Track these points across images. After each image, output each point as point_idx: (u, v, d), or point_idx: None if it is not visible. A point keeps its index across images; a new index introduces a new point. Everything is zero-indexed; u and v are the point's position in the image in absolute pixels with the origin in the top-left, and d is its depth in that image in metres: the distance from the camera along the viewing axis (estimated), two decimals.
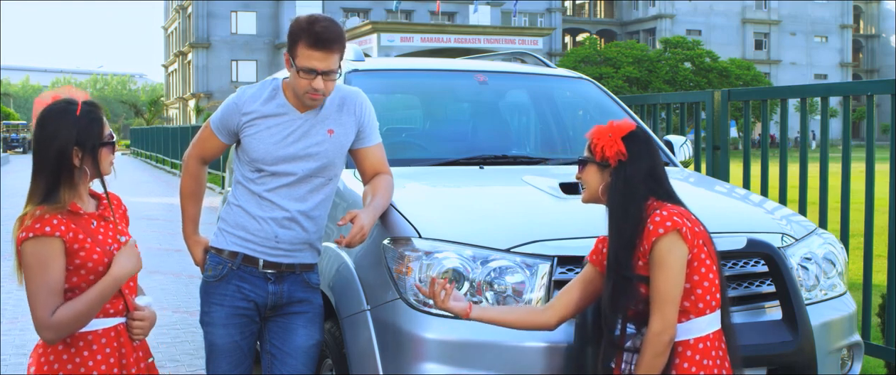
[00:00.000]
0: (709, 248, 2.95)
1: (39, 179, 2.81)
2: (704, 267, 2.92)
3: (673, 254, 2.87)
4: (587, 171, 3.09)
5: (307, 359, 3.61)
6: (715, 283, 2.95)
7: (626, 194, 2.96)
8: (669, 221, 2.87)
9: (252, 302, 3.56)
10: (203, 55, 67.58)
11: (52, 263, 2.75)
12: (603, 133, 3.04)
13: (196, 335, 6.80)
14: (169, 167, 34.24)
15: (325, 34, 3.30)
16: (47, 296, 2.74)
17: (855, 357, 3.89)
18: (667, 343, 2.87)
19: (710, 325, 2.94)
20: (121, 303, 2.94)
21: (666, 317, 2.86)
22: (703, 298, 2.93)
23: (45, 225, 2.74)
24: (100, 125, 2.87)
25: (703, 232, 2.97)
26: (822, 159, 5.57)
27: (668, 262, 2.86)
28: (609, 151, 3.00)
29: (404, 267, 3.36)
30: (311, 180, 3.53)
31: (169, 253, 11.05)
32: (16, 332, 6.99)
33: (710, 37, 78.32)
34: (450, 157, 4.64)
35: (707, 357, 2.91)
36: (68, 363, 2.85)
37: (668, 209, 2.93)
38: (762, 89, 6.24)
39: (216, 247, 3.60)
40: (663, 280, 2.86)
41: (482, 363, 3.24)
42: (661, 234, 2.86)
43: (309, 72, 3.32)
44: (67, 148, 2.79)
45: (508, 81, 5.62)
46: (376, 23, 50.96)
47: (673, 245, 2.87)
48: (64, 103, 2.86)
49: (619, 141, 3.00)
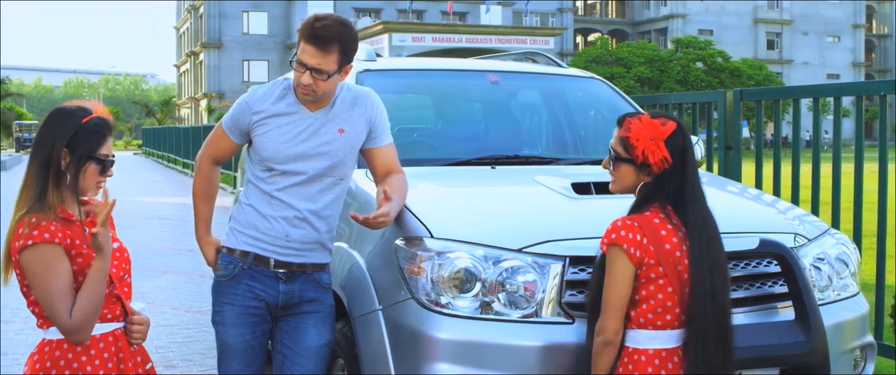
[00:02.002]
0: (667, 267, 2.93)
1: (32, 176, 2.79)
2: (654, 286, 2.95)
3: (616, 265, 2.94)
4: (621, 169, 3.08)
5: (318, 359, 3.61)
6: (665, 304, 2.95)
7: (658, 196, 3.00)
8: (615, 233, 2.93)
9: (263, 302, 3.57)
10: (215, 55, 67.74)
11: (59, 266, 2.73)
12: (646, 135, 2.98)
13: (208, 334, 6.81)
14: (181, 167, 34.31)
15: (322, 31, 3.32)
16: (63, 300, 2.73)
17: (868, 357, 3.88)
18: (600, 344, 2.95)
19: (651, 341, 2.96)
20: (118, 308, 2.94)
21: (604, 320, 2.95)
22: (645, 314, 2.96)
23: (43, 232, 2.72)
24: (99, 139, 2.83)
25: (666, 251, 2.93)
26: (834, 159, 5.55)
27: (611, 271, 2.95)
28: (653, 157, 2.97)
29: (416, 266, 3.36)
30: (321, 179, 3.53)
31: (181, 253, 11.07)
32: (29, 331, 7.02)
33: (722, 36, 78.10)
34: (461, 157, 4.64)
35: (639, 369, 2.93)
36: (66, 368, 2.82)
37: (628, 219, 2.95)
38: (774, 89, 6.23)
39: (228, 247, 3.61)
40: (605, 286, 2.95)
41: (494, 363, 3.23)
42: (605, 244, 2.95)
43: (300, 64, 3.36)
44: (59, 148, 2.78)
45: (520, 81, 5.61)
46: (388, 23, 50.99)
47: (615, 257, 2.94)
48: (76, 107, 2.86)
49: (663, 145, 2.96)
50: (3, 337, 6.81)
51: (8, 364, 6.13)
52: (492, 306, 3.29)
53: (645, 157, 2.99)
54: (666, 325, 2.96)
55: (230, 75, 67.34)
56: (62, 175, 2.80)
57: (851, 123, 13.68)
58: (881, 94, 5.29)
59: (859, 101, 5.53)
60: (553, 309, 3.29)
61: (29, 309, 2.88)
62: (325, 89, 3.42)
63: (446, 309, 3.28)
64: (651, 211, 2.99)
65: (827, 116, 39.52)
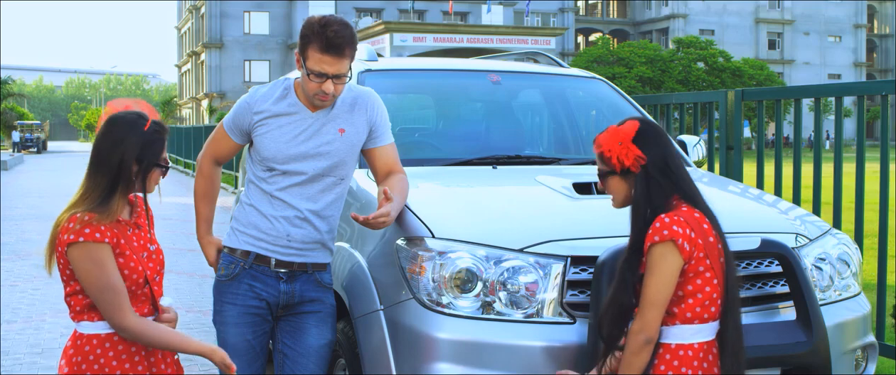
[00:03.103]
0: (713, 259, 2.94)
1: (96, 183, 2.85)
2: (701, 279, 2.93)
3: (665, 261, 2.88)
4: (611, 183, 3.08)
5: (319, 359, 3.62)
6: (711, 296, 2.94)
7: (654, 194, 2.97)
8: (667, 230, 2.88)
9: (264, 301, 3.57)
10: (216, 55, 67.75)
11: (108, 264, 2.81)
12: (612, 142, 3.01)
13: (210, 334, 6.80)
14: (182, 167, 34.31)
15: (337, 39, 3.31)
16: (116, 296, 2.81)
17: (869, 357, 3.88)
18: (642, 343, 2.90)
19: (696, 335, 2.94)
20: (148, 306, 2.98)
21: (646, 319, 2.89)
22: (693, 309, 2.93)
23: (94, 231, 2.79)
24: (161, 146, 2.93)
25: (710, 243, 2.94)
26: (836, 159, 5.55)
27: (658, 269, 2.89)
28: (628, 160, 2.98)
29: (418, 266, 3.36)
30: (322, 179, 3.54)
31: (182, 253, 11.08)
32: (30, 331, 7.03)
33: (724, 36, 78.11)
34: (463, 157, 4.63)
35: (686, 364, 2.92)
36: (95, 363, 2.89)
37: (673, 215, 2.92)
38: (776, 89, 6.22)
39: (229, 247, 3.63)
40: (651, 284, 2.89)
41: (495, 363, 3.23)
42: (657, 241, 2.88)
43: (319, 75, 3.35)
44: (129, 159, 2.85)
45: (521, 81, 5.61)
46: (389, 23, 50.97)
47: (666, 252, 2.88)
48: (135, 115, 2.92)
49: (631, 145, 2.98)
50: (4, 337, 6.82)
51: (9, 364, 6.13)
52: (493, 306, 3.29)
53: (621, 162, 2.99)
54: (710, 318, 2.95)
55: (231, 75, 67.35)
56: (130, 183, 2.88)
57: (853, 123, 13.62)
58: (883, 94, 5.29)
59: (861, 101, 5.52)
60: (554, 309, 3.29)
61: (66, 300, 2.94)
62: (341, 90, 3.46)
63: (447, 309, 3.29)
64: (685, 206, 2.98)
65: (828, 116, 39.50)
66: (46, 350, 6.47)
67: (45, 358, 6.26)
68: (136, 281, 2.88)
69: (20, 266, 10.25)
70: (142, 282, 2.91)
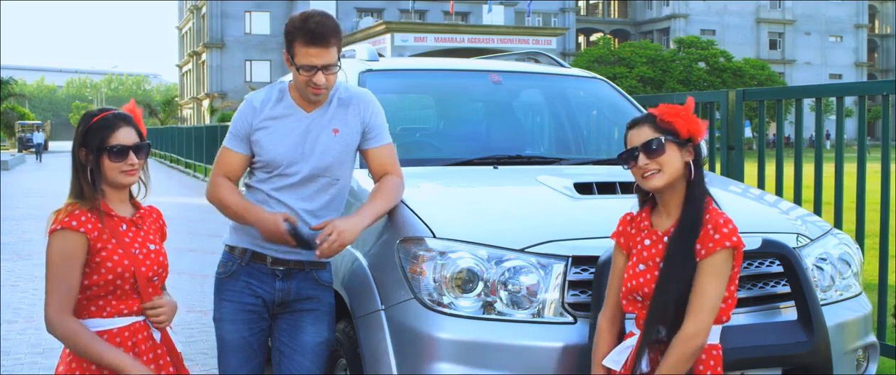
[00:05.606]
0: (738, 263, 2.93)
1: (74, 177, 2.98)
2: (732, 284, 2.93)
3: (726, 266, 2.85)
4: (667, 153, 2.91)
5: (315, 357, 3.62)
6: (734, 295, 2.96)
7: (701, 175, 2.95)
8: (736, 237, 2.85)
9: (260, 298, 3.59)
10: (217, 55, 67.78)
11: (74, 259, 2.86)
12: (676, 112, 2.94)
13: (210, 334, 6.81)
14: (183, 166, 34.34)
15: (320, 29, 3.33)
16: (62, 294, 2.84)
17: (870, 357, 3.88)
18: (697, 348, 2.83)
19: (715, 335, 2.95)
20: (137, 304, 2.99)
21: (701, 323, 2.82)
22: (728, 311, 2.94)
23: (72, 219, 2.86)
24: (106, 132, 2.94)
25: None
26: (837, 159, 5.55)
27: (721, 273, 2.84)
28: (694, 129, 2.92)
29: (418, 266, 3.36)
30: (317, 179, 3.55)
31: (182, 253, 11.07)
32: (31, 331, 7.03)
33: (725, 36, 78.12)
34: (464, 157, 4.63)
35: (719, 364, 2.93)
36: (83, 360, 2.91)
37: (729, 220, 2.90)
38: (777, 89, 6.22)
39: (229, 245, 3.67)
40: (712, 287, 2.83)
41: (496, 363, 3.23)
42: (727, 247, 2.83)
43: (309, 68, 3.37)
44: (76, 145, 2.97)
45: (522, 81, 5.61)
46: (390, 23, 51.00)
47: (729, 259, 2.86)
48: (98, 109, 3.03)
49: (696, 118, 2.95)
50: (5, 337, 6.82)
51: (10, 364, 6.13)
52: (494, 306, 3.29)
53: (688, 130, 2.93)
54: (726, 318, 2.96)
55: (232, 75, 67.37)
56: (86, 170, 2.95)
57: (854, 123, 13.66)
58: (884, 94, 5.28)
59: (862, 101, 5.52)
60: (555, 309, 3.29)
61: None
62: (333, 81, 3.46)
63: (448, 309, 3.28)
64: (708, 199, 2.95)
65: (830, 116, 39.49)
66: (47, 350, 6.47)
67: (46, 358, 6.26)
68: (120, 275, 2.91)
69: (21, 266, 10.26)
70: (127, 277, 2.93)
